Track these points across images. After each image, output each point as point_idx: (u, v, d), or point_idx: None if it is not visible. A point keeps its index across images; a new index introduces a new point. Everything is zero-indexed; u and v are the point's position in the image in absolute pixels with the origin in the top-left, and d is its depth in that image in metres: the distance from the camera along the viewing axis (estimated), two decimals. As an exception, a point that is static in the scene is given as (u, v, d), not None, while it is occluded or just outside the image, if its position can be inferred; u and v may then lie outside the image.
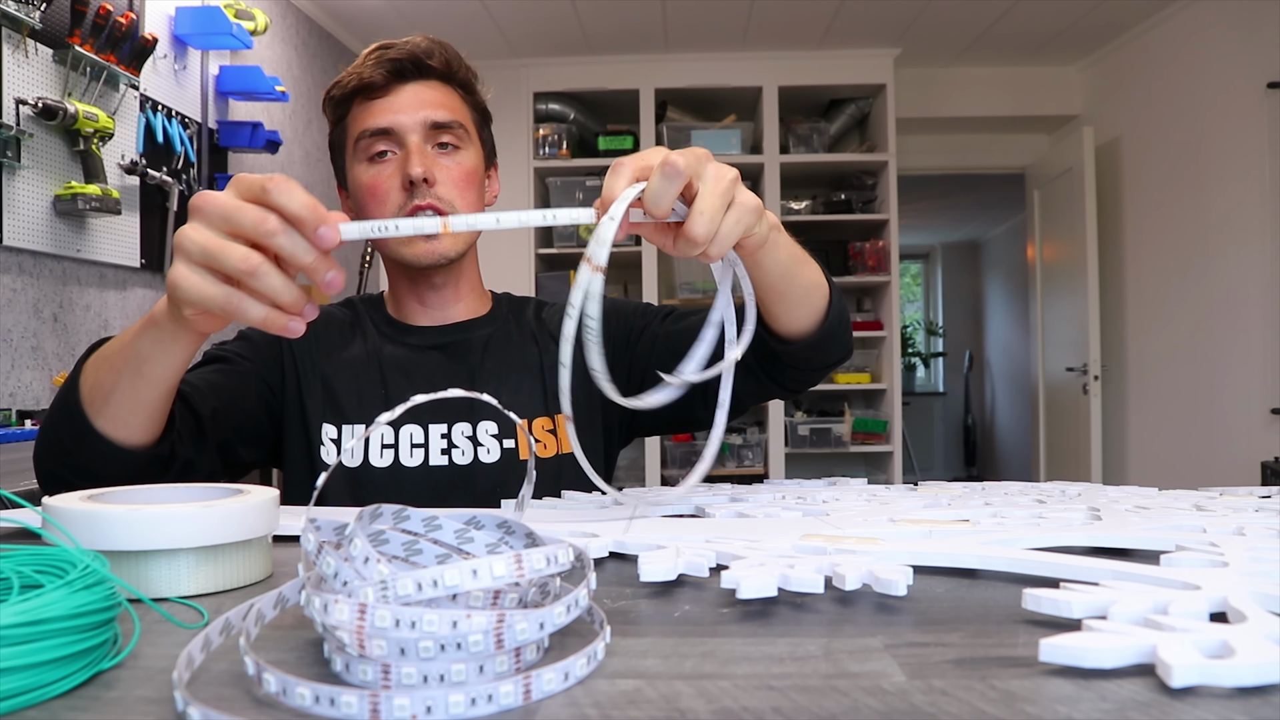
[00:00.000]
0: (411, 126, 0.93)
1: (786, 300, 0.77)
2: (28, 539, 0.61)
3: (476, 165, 0.98)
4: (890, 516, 0.62)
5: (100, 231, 2.23)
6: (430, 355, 1.00)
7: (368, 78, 0.94)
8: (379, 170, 0.94)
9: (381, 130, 0.93)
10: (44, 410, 1.94)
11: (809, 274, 0.77)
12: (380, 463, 0.92)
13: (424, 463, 0.93)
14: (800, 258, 0.75)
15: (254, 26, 2.74)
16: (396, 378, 0.97)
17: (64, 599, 0.33)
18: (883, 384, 4.10)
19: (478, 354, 1.00)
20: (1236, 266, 3.28)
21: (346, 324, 1.02)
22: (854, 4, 3.55)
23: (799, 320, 0.80)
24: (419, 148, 0.93)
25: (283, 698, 0.30)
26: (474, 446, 0.94)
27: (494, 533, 0.44)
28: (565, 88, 4.06)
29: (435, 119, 0.94)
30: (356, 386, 0.96)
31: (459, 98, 0.99)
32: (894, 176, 4.00)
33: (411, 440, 0.93)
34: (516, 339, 1.02)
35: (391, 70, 0.94)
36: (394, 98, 0.94)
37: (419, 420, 0.94)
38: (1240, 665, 0.30)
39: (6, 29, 1.89)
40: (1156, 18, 3.66)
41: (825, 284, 0.81)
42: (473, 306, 1.04)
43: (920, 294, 8.20)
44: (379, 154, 0.94)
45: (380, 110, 0.94)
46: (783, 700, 0.31)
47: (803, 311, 0.79)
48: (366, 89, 0.95)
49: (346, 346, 0.99)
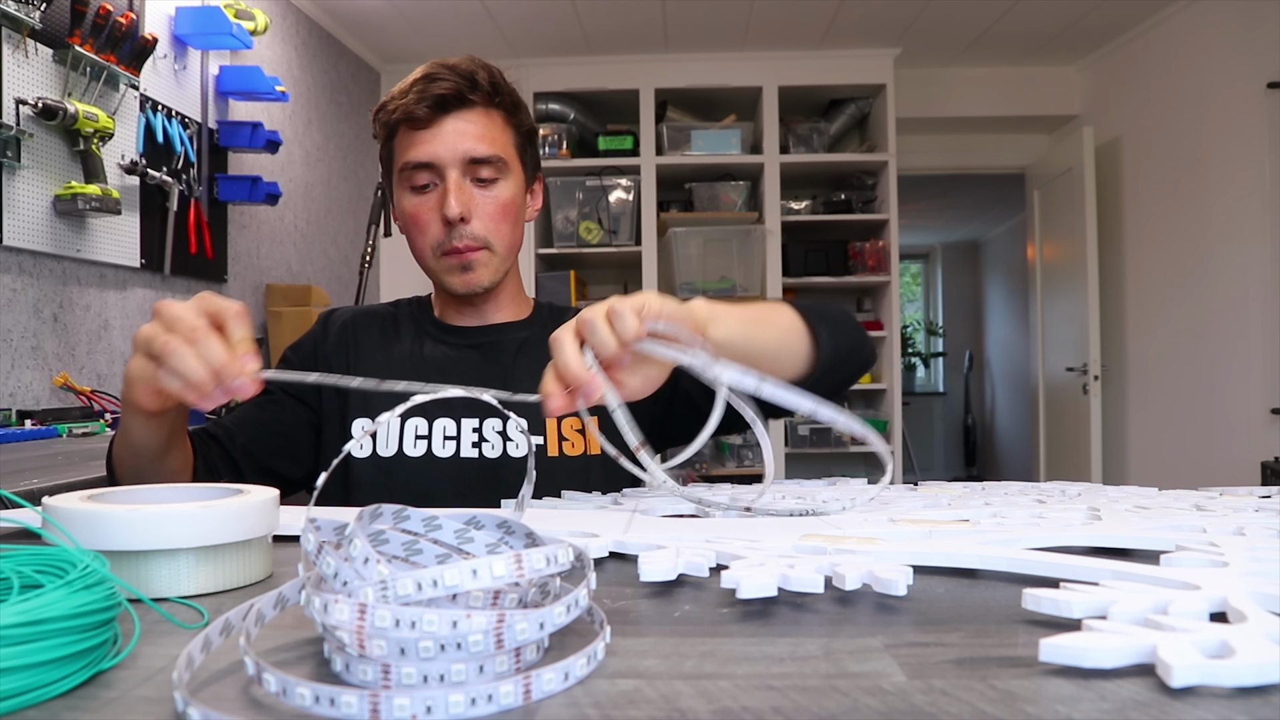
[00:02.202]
0: (451, 161, 0.97)
1: (763, 363, 0.80)
2: (28, 539, 0.61)
3: (514, 195, 1.01)
4: (890, 516, 0.62)
5: (100, 231, 2.23)
6: (467, 354, 1.05)
7: (411, 110, 0.97)
8: (421, 201, 0.99)
9: (423, 164, 0.97)
10: (43, 410, 1.94)
11: (775, 333, 0.80)
12: (414, 452, 0.97)
13: (455, 454, 0.97)
14: (755, 319, 0.78)
15: (254, 26, 2.74)
16: (434, 375, 1.02)
17: (64, 599, 0.33)
18: (883, 384, 4.10)
19: (511, 354, 1.04)
20: (1236, 266, 3.28)
21: (389, 323, 1.08)
22: (854, 4, 3.55)
23: (786, 371, 0.82)
24: (457, 184, 0.97)
25: (283, 698, 0.30)
26: (503, 441, 0.98)
27: (494, 533, 0.44)
28: (565, 88, 4.06)
29: (474, 154, 0.97)
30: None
31: (501, 123, 1.01)
32: (894, 176, 4.00)
33: (445, 433, 0.98)
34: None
35: (434, 104, 0.96)
36: (436, 130, 0.97)
37: (452, 414, 0.98)
38: (1240, 665, 0.30)
39: (6, 29, 1.89)
40: (1156, 18, 3.66)
41: (801, 327, 0.83)
42: (512, 312, 1.09)
43: (920, 294, 8.20)
44: (421, 186, 0.99)
45: (422, 142, 0.97)
46: (783, 700, 0.31)
47: (786, 362, 0.82)
48: (410, 120, 0.98)
49: (386, 345, 1.06)
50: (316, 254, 3.53)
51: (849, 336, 0.86)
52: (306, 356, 1.06)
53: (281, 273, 3.25)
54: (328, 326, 1.08)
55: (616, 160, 4.01)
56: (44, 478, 1.29)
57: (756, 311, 0.79)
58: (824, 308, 0.87)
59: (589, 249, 3.99)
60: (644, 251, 3.99)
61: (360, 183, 3.91)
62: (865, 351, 0.89)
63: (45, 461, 1.47)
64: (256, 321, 3.07)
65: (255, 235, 3.06)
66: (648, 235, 4.00)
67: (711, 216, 4.03)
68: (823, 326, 0.83)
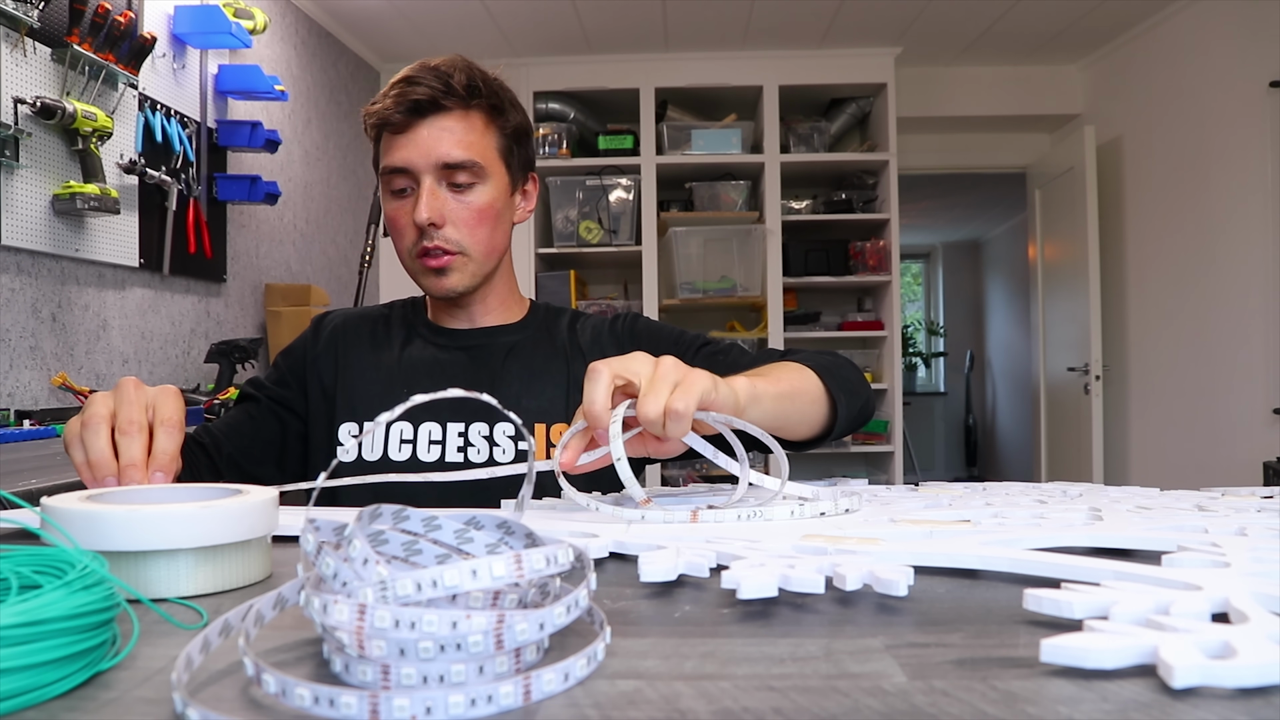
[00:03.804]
0: (424, 167, 0.97)
1: (785, 431, 0.83)
2: (26, 539, 0.61)
3: (491, 200, 1.00)
4: (891, 517, 0.62)
5: (99, 231, 2.23)
6: (455, 356, 1.04)
7: (388, 115, 0.97)
8: (399, 205, 1.00)
9: (398, 169, 0.97)
10: (42, 410, 1.94)
11: (801, 405, 0.83)
12: (398, 457, 0.96)
13: (440, 459, 0.96)
14: (788, 394, 0.80)
15: (253, 25, 2.74)
16: (420, 377, 1.02)
17: (62, 599, 0.32)
18: (883, 384, 4.10)
19: (500, 358, 1.04)
20: (1238, 266, 3.28)
21: (381, 326, 1.08)
22: (854, 3, 3.55)
23: (803, 434, 0.86)
24: (431, 189, 0.97)
25: (282, 698, 0.30)
26: (490, 446, 0.97)
27: (494, 533, 0.44)
28: (565, 87, 4.05)
29: (448, 159, 0.97)
30: (380, 386, 1.01)
31: (481, 125, 1.00)
32: (895, 176, 4.00)
33: (430, 437, 0.97)
34: (545, 347, 1.06)
35: (409, 109, 0.96)
36: (411, 135, 0.97)
37: (438, 418, 0.98)
38: (1242, 666, 0.30)
39: (5, 28, 1.89)
40: (1158, 17, 3.66)
41: (824, 398, 0.85)
42: (503, 315, 1.09)
43: (921, 294, 8.20)
44: (400, 190, 0.99)
45: (399, 147, 0.97)
46: (783, 701, 0.31)
47: (805, 429, 0.85)
48: (387, 124, 0.98)
49: (376, 348, 1.05)
50: (316, 253, 3.53)
51: (859, 396, 0.89)
52: (297, 362, 1.07)
53: (281, 272, 3.25)
54: (319, 331, 1.09)
55: (616, 160, 4.01)
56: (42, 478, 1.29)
57: (789, 385, 0.81)
58: (840, 370, 0.89)
59: (589, 249, 3.98)
60: (644, 251, 3.99)
61: (360, 182, 3.91)
62: (869, 409, 0.93)
63: (44, 461, 1.47)
64: (256, 322, 3.07)
65: (254, 235, 3.06)
66: (648, 235, 4.00)
67: (712, 216, 4.03)
68: (841, 395, 0.86)
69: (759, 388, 0.75)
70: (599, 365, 0.66)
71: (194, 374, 2.70)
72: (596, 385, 0.65)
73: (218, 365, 2.56)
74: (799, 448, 0.90)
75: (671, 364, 0.67)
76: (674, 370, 0.67)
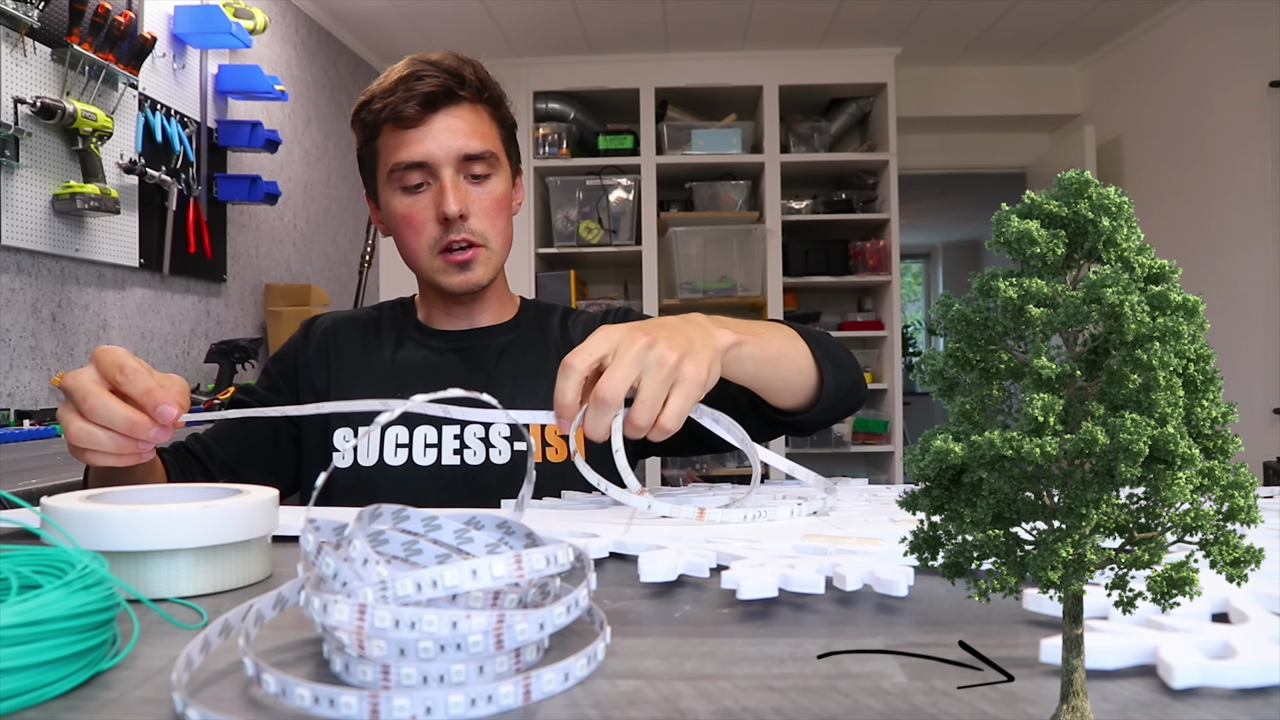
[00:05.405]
0: (445, 160, 0.95)
1: (768, 392, 0.83)
2: (27, 539, 0.61)
3: (506, 189, 1.01)
4: (890, 517, 0.62)
5: (99, 231, 2.23)
6: (448, 358, 1.03)
7: (399, 109, 0.94)
8: (414, 201, 0.97)
9: (415, 164, 0.95)
10: (42, 410, 1.94)
11: (786, 367, 0.82)
12: (394, 461, 0.95)
13: (436, 462, 0.95)
14: (772, 357, 0.80)
15: (253, 25, 2.73)
16: (413, 380, 1.01)
17: (63, 599, 0.32)
18: (884, 384, 4.10)
19: (493, 358, 1.03)
20: (1238, 266, 3.28)
21: (371, 329, 1.07)
22: (854, 3, 3.55)
23: (788, 402, 0.86)
24: (453, 181, 0.95)
25: (282, 698, 0.30)
26: (486, 448, 0.96)
27: (494, 533, 0.44)
28: (565, 87, 4.05)
29: (468, 151, 0.96)
30: (373, 390, 1.00)
31: (489, 118, 1.00)
32: (895, 176, 4.00)
33: (425, 440, 0.96)
34: (537, 346, 1.05)
35: (423, 102, 0.94)
36: (426, 129, 0.95)
37: (433, 421, 0.97)
38: (1242, 666, 0.30)
39: (5, 28, 1.89)
40: (1158, 17, 3.66)
41: (811, 368, 0.85)
42: (497, 314, 1.08)
43: (921, 294, 8.20)
44: (414, 185, 0.96)
45: (413, 141, 0.95)
46: (783, 701, 0.31)
47: (789, 396, 0.85)
48: (398, 118, 0.96)
49: (367, 352, 1.04)
50: (316, 253, 3.53)
51: (846, 371, 0.89)
52: (288, 368, 1.06)
53: (281, 272, 3.25)
54: (309, 335, 1.07)
55: (616, 159, 4.01)
56: (42, 478, 1.29)
57: (775, 349, 0.81)
58: (830, 345, 0.90)
59: (589, 248, 3.98)
60: (644, 251, 3.99)
61: (360, 182, 3.90)
62: (859, 392, 0.93)
63: (44, 462, 1.47)
64: (256, 322, 3.07)
65: (254, 235, 3.06)
66: (648, 235, 4.00)
67: (712, 216, 4.03)
68: (828, 364, 0.86)
69: (745, 347, 0.76)
70: (570, 360, 0.68)
71: (194, 374, 2.70)
72: (567, 381, 0.67)
73: (218, 365, 2.56)
74: (791, 428, 0.90)
75: (656, 349, 0.67)
76: (666, 359, 0.67)
